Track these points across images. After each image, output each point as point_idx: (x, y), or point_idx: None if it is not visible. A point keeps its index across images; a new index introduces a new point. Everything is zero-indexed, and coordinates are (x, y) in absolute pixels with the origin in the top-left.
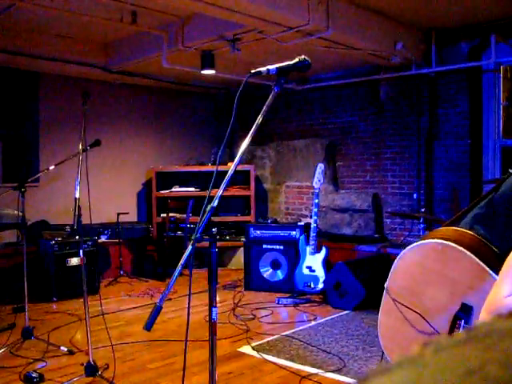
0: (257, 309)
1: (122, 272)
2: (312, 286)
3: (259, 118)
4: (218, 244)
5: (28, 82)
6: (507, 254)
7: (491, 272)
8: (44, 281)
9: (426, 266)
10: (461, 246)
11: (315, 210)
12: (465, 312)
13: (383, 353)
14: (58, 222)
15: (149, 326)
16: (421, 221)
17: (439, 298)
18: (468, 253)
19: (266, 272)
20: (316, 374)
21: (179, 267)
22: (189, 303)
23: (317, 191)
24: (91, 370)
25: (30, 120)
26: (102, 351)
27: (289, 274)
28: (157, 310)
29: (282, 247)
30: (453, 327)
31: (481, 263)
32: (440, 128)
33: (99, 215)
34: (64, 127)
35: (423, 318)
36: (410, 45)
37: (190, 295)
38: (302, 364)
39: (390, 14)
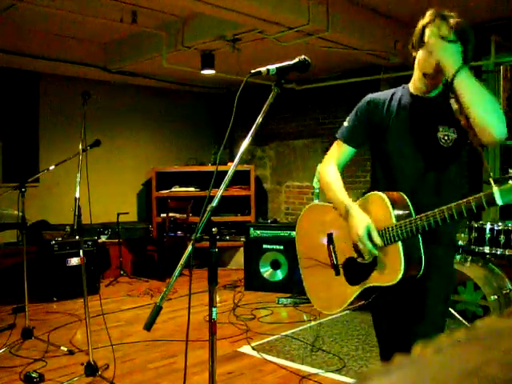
0: (257, 309)
1: (122, 272)
2: None
3: (259, 118)
4: (218, 244)
5: (28, 82)
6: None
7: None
8: (44, 281)
9: (309, 221)
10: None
11: None
12: (330, 239)
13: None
14: (58, 222)
15: (149, 326)
16: None
17: (320, 239)
18: (326, 204)
19: (266, 272)
20: (316, 374)
21: (179, 267)
22: (189, 303)
23: (317, 191)
24: (91, 369)
25: (29, 120)
26: (102, 351)
27: (289, 274)
28: (157, 310)
29: (281, 247)
30: (330, 254)
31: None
32: None
33: (99, 215)
34: (64, 127)
35: (314, 259)
36: None
37: (190, 295)
38: (301, 364)
39: (390, 13)
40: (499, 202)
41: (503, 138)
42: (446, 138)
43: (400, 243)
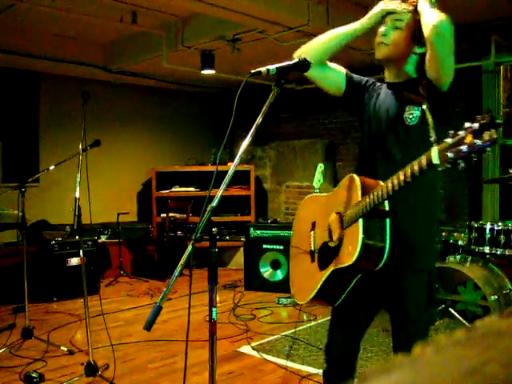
0: (257, 309)
1: (122, 272)
2: None
3: (259, 118)
4: (218, 244)
5: (28, 82)
6: None
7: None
8: (44, 281)
9: (302, 212)
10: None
11: None
12: (313, 226)
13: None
14: (58, 222)
15: (149, 326)
16: None
17: (306, 228)
18: (318, 194)
19: (266, 272)
20: (316, 374)
21: (179, 267)
22: (189, 303)
23: (317, 191)
24: (91, 369)
25: (30, 120)
26: (102, 351)
27: (289, 274)
28: (157, 310)
29: (281, 247)
30: (309, 240)
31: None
32: None
33: (99, 215)
34: (64, 127)
35: (299, 248)
36: None
37: (190, 295)
38: (301, 364)
39: None
40: (435, 161)
41: (444, 30)
42: (410, 116)
43: (361, 223)
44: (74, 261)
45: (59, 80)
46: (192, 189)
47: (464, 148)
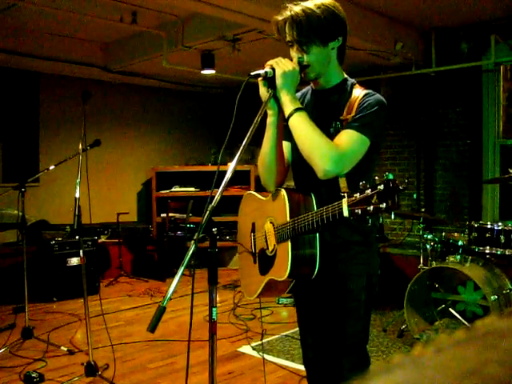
0: (257, 309)
1: (122, 272)
2: None
3: (256, 120)
4: (218, 244)
5: (28, 82)
6: None
7: (260, 197)
8: (44, 281)
9: (244, 209)
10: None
11: None
12: (253, 227)
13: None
14: (58, 222)
15: (152, 328)
16: (421, 221)
17: (247, 227)
18: (256, 194)
19: None
20: None
21: (181, 268)
22: (192, 303)
23: None
24: (91, 370)
25: (30, 120)
26: (102, 351)
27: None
28: (161, 312)
29: None
30: (251, 242)
31: (258, 196)
32: (440, 128)
33: (99, 215)
34: (64, 127)
35: (241, 245)
36: (410, 45)
37: (192, 295)
38: (302, 364)
39: (390, 13)
40: (346, 214)
41: (330, 175)
42: (337, 133)
43: (290, 244)
44: (74, 261)
45: (59, 80)
46: (192, 189)
47: (370, 208)
